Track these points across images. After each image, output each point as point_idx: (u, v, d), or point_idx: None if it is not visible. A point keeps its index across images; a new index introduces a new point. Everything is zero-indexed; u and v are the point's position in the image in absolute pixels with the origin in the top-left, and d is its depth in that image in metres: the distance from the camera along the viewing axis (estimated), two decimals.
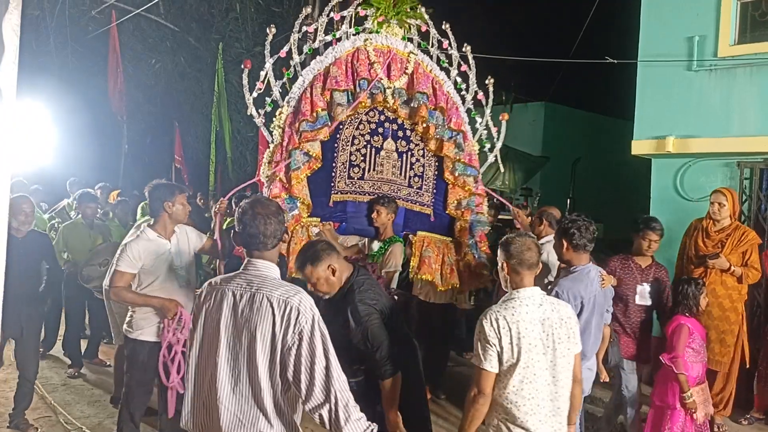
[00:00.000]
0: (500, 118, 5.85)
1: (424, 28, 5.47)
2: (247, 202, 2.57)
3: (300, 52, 5.00)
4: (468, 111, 5.61)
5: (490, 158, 5.84)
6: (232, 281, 2.48)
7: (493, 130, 5.75)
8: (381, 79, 4.96)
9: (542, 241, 5.04)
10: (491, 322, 2.89)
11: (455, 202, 5.41)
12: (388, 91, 5.03)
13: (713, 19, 6.83)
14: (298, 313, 2.32)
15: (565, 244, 3.98)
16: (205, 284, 2.62)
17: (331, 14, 5.07)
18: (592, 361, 4.13)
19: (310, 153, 4.82)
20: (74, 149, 12.09)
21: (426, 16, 5.44)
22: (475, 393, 2.92)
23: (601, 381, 4.53)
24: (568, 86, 15.90)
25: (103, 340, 7.26)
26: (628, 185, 12.26)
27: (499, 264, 3.10)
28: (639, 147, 7.33)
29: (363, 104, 4.99)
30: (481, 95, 5.63)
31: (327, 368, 2.31)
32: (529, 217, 6.98)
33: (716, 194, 5.61)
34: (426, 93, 5.07)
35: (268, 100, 4.97)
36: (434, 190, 5.47)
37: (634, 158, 7.62)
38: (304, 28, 5.07)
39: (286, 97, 4.96)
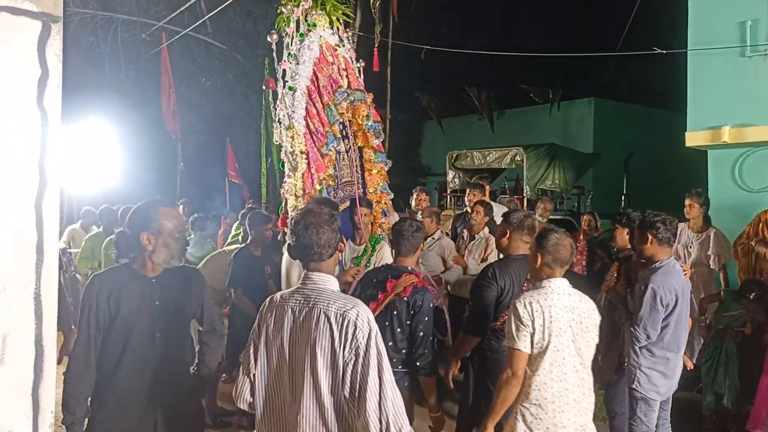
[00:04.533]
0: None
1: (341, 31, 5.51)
2: (299, 212, 2.48)
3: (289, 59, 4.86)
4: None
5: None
6: (291, 298, 2.40)
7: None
8: (341, 84, 5.06)
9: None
10: (525, 305, 3.00)
11: (373, 188, 5.74)
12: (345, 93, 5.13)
13: (765, 1, 6.57)
14: (355, 328, 2.24)
15: (649, 237, 3.90)
16: (267, 300, 2.52)
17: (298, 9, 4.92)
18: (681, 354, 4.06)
19: (329, 174, 4.84)
20: (133, 169, 12.52)
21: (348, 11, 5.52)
22: (508, 374, 3.02)
23: (687, 369, 4.38)
24: (616, 81, 15.59)
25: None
26: (684, 179, 11.87)
27: (531, 254, 3.18)
28: (693, 138, 7.11)
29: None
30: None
31: (380, 388, 2.21)
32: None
33: None
34: (362, 90, 5.25)
35: (280, 115, 4.75)
36: (360, 180, 5.76)
37: (689, 151, 7.39)
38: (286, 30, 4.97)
39: (288, 113, 4.68)
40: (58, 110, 1.74)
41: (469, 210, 6.41)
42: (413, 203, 6.91)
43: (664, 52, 7.62)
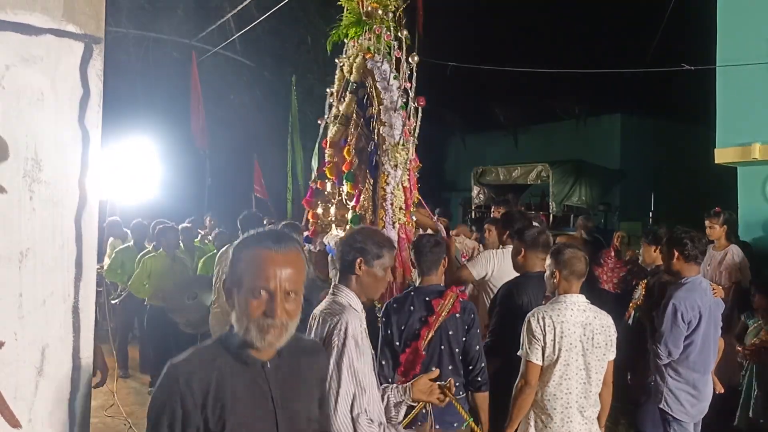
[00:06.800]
0: None
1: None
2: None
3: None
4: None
5: None
6: (320, 309, 2.53)
7: None
8: None
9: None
10: (538, 319, 3.14)
11: None
12: None
13: None
14: (331, 335, 2.32)
15: (676, 253, 3.88)
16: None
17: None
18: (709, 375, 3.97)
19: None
20: (163, 184, 12.70)
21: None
22: (522, 384, 3.17)
23: (716, 392, 4.29)
24: (643, 96, 15.44)
25: None
26: (713, 196, 11.70)
27: (549, 271, 3.28)
28: (722, 155, 7.02)
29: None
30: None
31: (336, 400, 2.24)
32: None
33: None
34: None
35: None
36: None
37: (718, 167, 7.30)
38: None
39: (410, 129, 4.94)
40: (98, 129, 1.79)
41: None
42: None
43: (693, 68, 7.54)
